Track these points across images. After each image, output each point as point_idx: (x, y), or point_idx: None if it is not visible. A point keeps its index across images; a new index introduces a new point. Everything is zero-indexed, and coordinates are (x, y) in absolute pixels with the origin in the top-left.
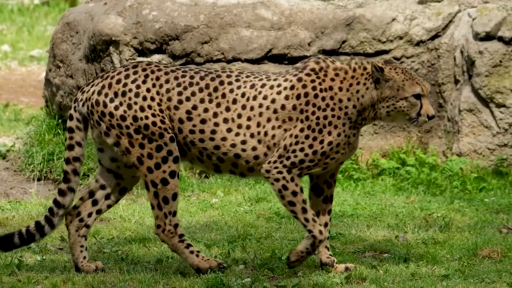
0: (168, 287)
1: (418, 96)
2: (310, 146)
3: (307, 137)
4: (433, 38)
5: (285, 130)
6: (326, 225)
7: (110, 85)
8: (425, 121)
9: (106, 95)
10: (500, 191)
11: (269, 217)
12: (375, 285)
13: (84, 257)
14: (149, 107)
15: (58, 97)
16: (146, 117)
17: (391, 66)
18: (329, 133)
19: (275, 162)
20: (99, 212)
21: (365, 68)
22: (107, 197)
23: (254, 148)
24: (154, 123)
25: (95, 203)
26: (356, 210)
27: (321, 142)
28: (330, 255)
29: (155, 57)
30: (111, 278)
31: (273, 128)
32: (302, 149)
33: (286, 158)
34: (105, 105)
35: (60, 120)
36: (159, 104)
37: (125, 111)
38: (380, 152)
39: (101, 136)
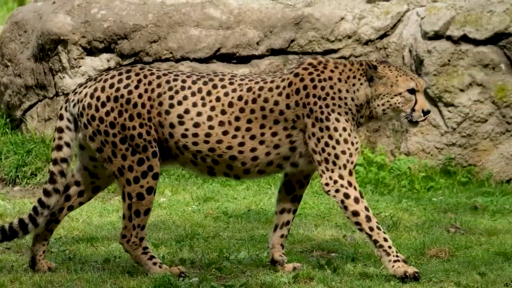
0: (115, 287)
1: (412, 91)
2: (330, 137)
3: (321, 130)
4: (381, 37)
5: (301, 130)
6: (287, 223)
7: (103, 89)
8: (421, 116)
9: (98, 98)
10: (448, 190)
11: (216, 216)
12: (322, 284)
13: (44, 252)
14: (139, 115)
15: (6, 96)
16: (134, 127)
17: (385, 64)
18: (337, 120)
19: (324, 171)
20: (70, 208)
21: (361, 64)
22: (80, 194)
23: (253, 149)
24: (140, 135)
25: (67, 198)
26: (304, 210)
27: (336, 129)
28: (282, 253)
29: (104, 56)
30: (58, 277)
31: (284, 129)
32: (333, 147)
33: (333, 163)
34: (96, 109)
35: (8, 119)
36: (149, 112)
37: (115, 118)
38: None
39: (86, 139)
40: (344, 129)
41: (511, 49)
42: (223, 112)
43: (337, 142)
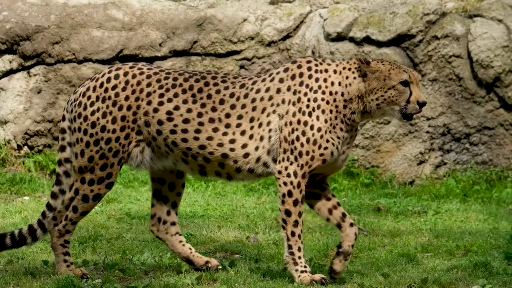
0: None
1: (405, 83)
2: (303, 133)
3: (298, 122)
4: (284, 38)
5: (279, 116)
6: (344, 215)
7: (94, 88)
8: (416, 108)
9: (89, 97)
10: (351, 192)
11: (119, 218)
12: (226, 286)
13: (190, 249)
14: (123, 118)
15: None
16: (114, 131)
17: (378, 60)
18: (317, 118)
19: (283, 160)
20: (174, 206)
21: (356, 60)
22: (164, 200)
23: (244, 146)
24: (117, 139)
25: (168, 213)
26: (207, 211)
27: (312, 128)
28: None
29: (6, 58)
30: None
31: (267, 115)
32: (298, 138)
33: (290, 152)
34: (84, 108)
35: None
36: (134, 113)
37: (98, 118)
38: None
39: (70, 132)
40: (319, 130)
41: (413, 50)
42: (213, 109)
43: (307, 140)
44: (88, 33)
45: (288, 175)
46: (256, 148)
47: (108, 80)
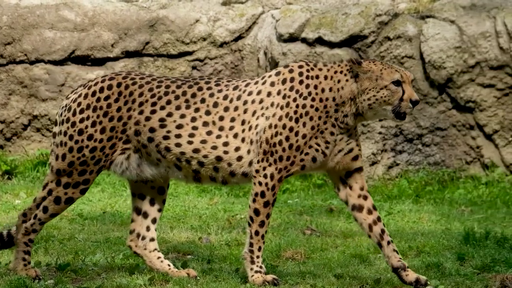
0: None
1: (398, 83)
2: (287, 139)
3: (284, 127)
4: (236, 39)
5: (266, 118)
6: (383, 231)
7: (86, 96)
8: (409, 106)
9: (79, 104)
10: (304, 192)
11: (72, 218)
12: (178, 286)
13: (169, 265)
14: (112, 129)
15: None
16: (101, 140)
17: (370, 60)
18: (304, 125)
19: (262, 160)
20: (154, 221)
21: (348, 62)
22: (152, 203)
23: (237, 149)
24: (102, 148)
25: (146, 215)
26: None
27: (296, 134)
28: (400, 258)
29: None
30: None
31: (257, 118)
32: (280, 142)
33: (270, 154)
34: (74, 114)
35: None
36: (124, 124)
37: (86, 127)
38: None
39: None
40: (304, 136)
41: (366, 51)
42: (207, 113)
43: (290, 146)
44: (40, 34)
45: (265, 176)
46: (248, 151)
47: (101, 89)
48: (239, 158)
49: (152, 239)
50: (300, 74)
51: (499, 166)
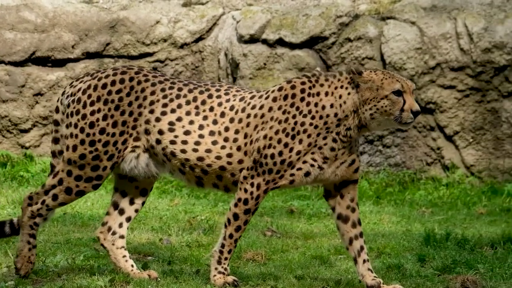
0: None
1: (398, 93)
2: (280, 154)
3: (279, 141)
4: (197, 40)
5: (263, 129)
6: (362, 248)
7: (95, 87)
8: (410, 117)
9: (89, 96)
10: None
11: None
12: (138, 287)
13: (132, 265)
14: (123, 123)
15: None
16: (113, 134)
17: (372, 69)
18: (300, 142)
19: (251, 168)
20: (129, 219)
21: (349, 73)
22: (131, 202)
23: (240, 161)
24: (115, 143)
25: (122, 212)
26: None
27: (291, 150)
28: (374, 277)
29: None
30: None
31: (257, 133)
32: (272, 156)
33: (260, 165)
34: (84, 106)
35: None
36: (135, 120)
37: (97, 119)
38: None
39: (62, 125)
40: (298, 153)
41: (326, 52)
42: (215, 122)
43: (282, 161)
44: (1, 35)
45: (252, 185)
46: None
47: (113, 83)
48: (242, 170)
49: (122, 236)
50: (302, 91)
51: (459, 167)
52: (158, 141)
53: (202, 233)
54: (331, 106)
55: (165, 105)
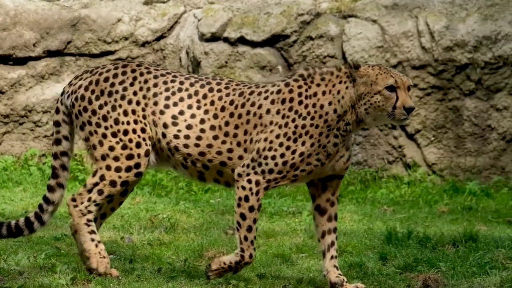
0: None
1: (391, 88)
2: (282, 156)
3: (281, 145)
4: (158, 39)
5: (261, 133)
6: (332, 244)
7: (97, 82)
8: (403, 113)
9: (93, 91)
10: (226, 192)
11: None
12: (100, 286)
13: None
14: (133, 112)
15: None
16: (128, 122)
17: (370, 65)
18: (303, 143)
19: (247, 166)
20: (103, 216)
21: (347, 67)
22: (109, 200)
23: (240, 157)
24: (134, 130)
25: (99, 208)
26: None
27: (293, 152)
28: (339, 274)
29: None
30: None
31: (257, 134)
32: (273, 157)
33: (258, 164)
34: (90, 102)
35: None
36: (143, 110)
37: (108, 112)
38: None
39: (76, 128)
40: (301, 155)
41: (288, 51)
42: (215, 116)
43: (284, 163)
44: None
45: (249, 181)
46: None
47: (115, 75)
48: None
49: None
50: (299, 94)
51: (421, 165)
52: (164, 135)
53: (164, 231)
54: (330, 104)
55: (167, 98)
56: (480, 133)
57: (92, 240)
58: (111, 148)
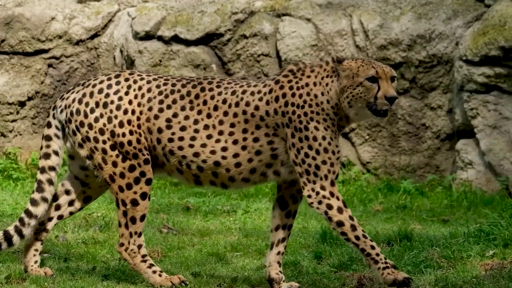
0: None
1: (373, 79)
2: (310, 148)
3: (300, 140)
4: (92, 37)
5: (282, 139)
6: (283, 240)
7: (91, 94)
8: (385, 103)
9: (87, 104)
10: (160, 190)
11: None
12: (35, 285)
13: (36, 262)
14: (129, 122)
15: None
16: (124, 134)
17: (354, 58)
18: (316, 129)
19: (306, 184)
20: (60, 217)
21: (333, 61)
22: (70, 203)
23: (236, 155)
24: (129, 142)
25: (57, 208)
26: (15, 210)
27: (315, 139)
28: (279, 271)
29: None
30: None
31: (266, 135)
32: (306, 155)
33: (307, 172)
34: (85, 115)
35: None
36: (138, 118)
37: (104, 124)
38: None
39: (74, 147)
40: (324, 138)
41: (222, 49)
42: (208, 116)
43: (317, 152)
44: None
45: (317, 194)
46: (250, 160)
47: (109, 86)
48: (238, 165)
49: (46, 230)
50: (291, 88)
51: (355, 164)
52: (159, 140)
53: (98, 230)
54: (322, 94)
55: (161, 102)
56: (415, 131)
57: (154, 272)
58: (115, 164)
